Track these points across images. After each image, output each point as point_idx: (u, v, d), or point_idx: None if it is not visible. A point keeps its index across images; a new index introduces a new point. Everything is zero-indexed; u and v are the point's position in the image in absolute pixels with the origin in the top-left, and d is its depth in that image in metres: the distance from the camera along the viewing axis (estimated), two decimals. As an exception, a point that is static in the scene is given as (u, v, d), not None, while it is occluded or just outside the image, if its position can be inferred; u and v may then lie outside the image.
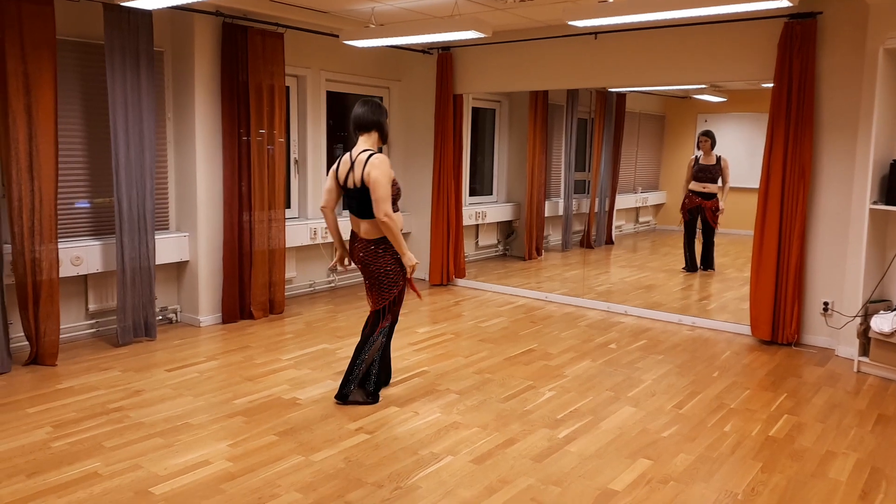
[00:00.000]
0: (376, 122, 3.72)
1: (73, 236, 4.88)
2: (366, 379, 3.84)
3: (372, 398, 3.86)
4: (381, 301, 3.78)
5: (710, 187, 6.70)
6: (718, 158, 6.64)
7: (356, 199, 3.67)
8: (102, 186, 5.01)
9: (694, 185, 6.76)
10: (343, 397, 3.83)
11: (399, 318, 5.69)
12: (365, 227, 3.71)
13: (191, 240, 5.36)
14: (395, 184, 3.67)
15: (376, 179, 3.54)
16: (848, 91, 4.83)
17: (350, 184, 3.67)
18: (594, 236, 7.65)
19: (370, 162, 3.58)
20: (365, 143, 3.72)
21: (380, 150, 3.77)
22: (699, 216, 6.80)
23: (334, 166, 3.78)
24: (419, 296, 4.04)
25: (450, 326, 5.51)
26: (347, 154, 3.73)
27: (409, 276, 3.78)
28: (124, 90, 4.69)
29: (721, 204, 6.67)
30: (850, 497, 2.96)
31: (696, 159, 6.75)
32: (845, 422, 3.76)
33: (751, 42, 5.18)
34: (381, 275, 3.74)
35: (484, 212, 7.61)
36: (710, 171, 6.67)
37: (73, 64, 4.77)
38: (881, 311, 4.52)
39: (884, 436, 3.59)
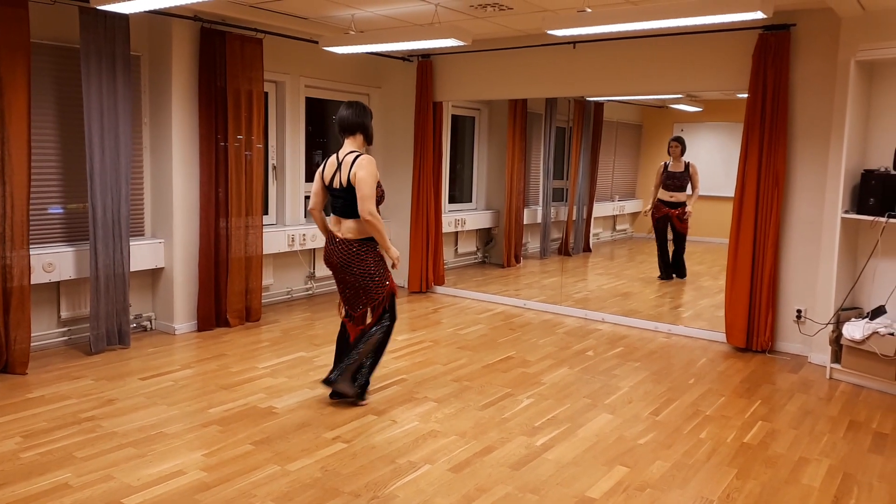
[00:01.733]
0: (360, 124, 3.77)
1: (46, 242, 4.80)
2: (357, 373, 3.84)
3: (359, 396, 3.88)
4: (374, 299, 3.79)
5: (677, 196, 6.76)
6: (687, 165, 6.71)
7: (342, 198, 3.72)
8: (76, 192, 4.93)
9: (662, 194, 6.82)
10: (329, 382, 3.84)
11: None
12: (347, 226, 3.74)
13: (166, 246, 5.30)
14: (379, 186, 3.72)
15: (362, 178, 3.60)
16: (820, 102, 4.92)
17: (336, 184, 3.72)
18: (572, 244, 7.70)
19: (357, 162, 3.64)
20: (351, 144, 3.77)
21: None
22: (668, 224, 6.86)
23: (320, 168, 3.84)
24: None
25: (428, 334, 5.50)
26: (334, 156, 3.79)
27: (394, 266, 3.84)
28: (100, 94, 4.64)
29: (688, 208, 6.73)
30: (822, 503, 3.00)
31: (665, 166, 6.82)
32: (818, 428, 3.81)
33: (726, 53, 5.26)
34: (364, 277, 3.76)
35: (463, 219, 7.63)
36: (679, 179, 6.74)
37: (48, 67, 4.71)
38: (853, 319, 4.59)
39: (855, 442, 3.64)
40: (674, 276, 7.05)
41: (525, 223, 7.84)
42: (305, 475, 3.11)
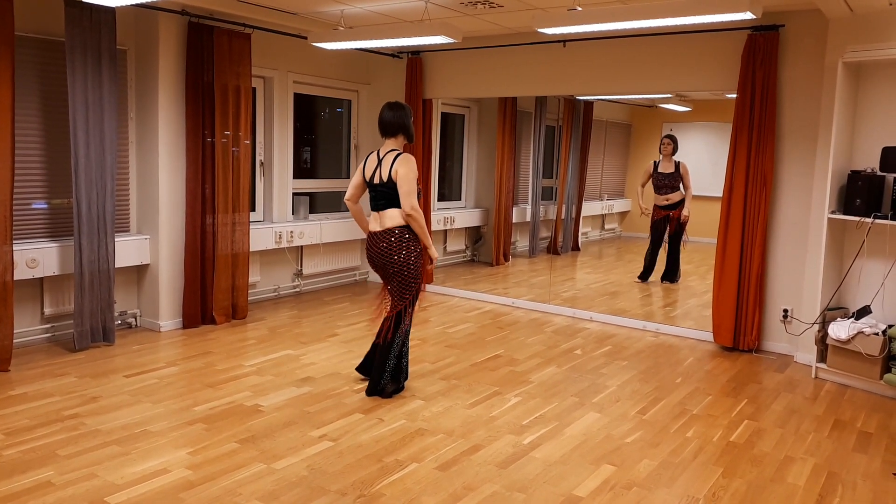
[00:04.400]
0: (401, 125, 3.95)
1: (29, 238, 4.74)
2: (397, 371, 4.06)
3: (400, 387, 4.12)
4: (403, 300, 3.95)
5: (672, 198, 6.75)
6: (677, 165, 6.70)
7: (382, 193, 3.90)
8: (61, 187, 4.88)
9: (657, 200, 6.81)
10: (379, 392, 4.03)
11: (366, 323, 5.66)
12: (388, 216, 3.90)
13: (152, 242, 5.26)
14: (417, 182, 3.88)
15: (404, 175, 3.79)
16: (808, 102, 4.94)
17: (376, 179, 3.91)
18: (561, 243, 7.70)
19: (398, 160, 3.84)
20: (392, 144, 3.97)
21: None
22: (666, 227, 6.84)
23: (362, 164, 4.04)
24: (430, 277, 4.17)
25: (417, 332, 5.48)
26: (374, 153, 3.99)
27: (429, 267, 3.90)
28: (85, 89, 4.59)
29: (685, 211, 6.73)
30: (807, 501, 3.01)
31: (655, 166, 6.80)
32: (803, 427, 3.84)
33: (715, 53, 5.28)
34: (403, 266, 3.90)
35: (452, 217, 7.61)
36: (671, 179, 6.73)
37: (32, 61, 4.65)
38: (838, 319, 4.62)
39: (840, 441, 3.66)
40: (666, 281, 7.02)
41: (514, 222, 7.84)
42: (291, 473, 3.09)
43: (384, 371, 4.01)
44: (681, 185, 6.73)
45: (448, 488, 3.00)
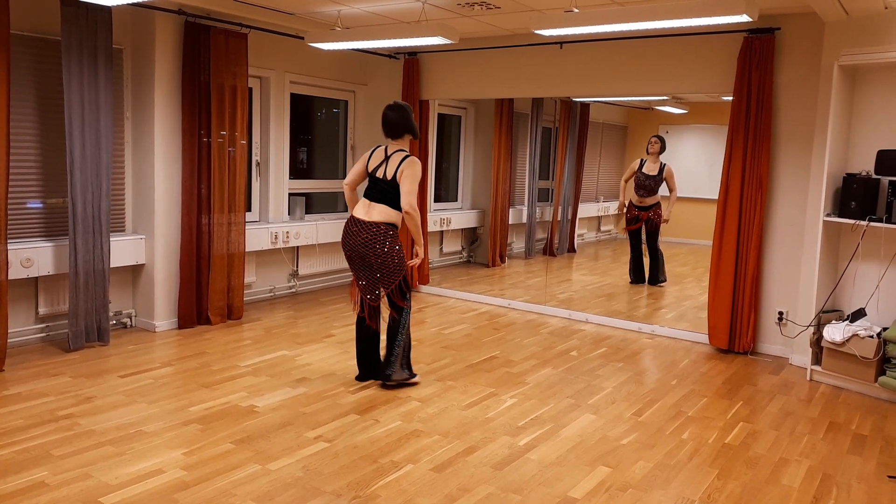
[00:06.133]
0: (407, 126, 4.11)
1: (24, 237, 4.72)
2: (406, 357, 4.20)
3: (412, 374, 4.26)
4: (393, 281, 4.06)
5: (647, 201, 6.73)
6: (662, 167, 6.69)
7: (381, 187, 4.05)
8: (56, 186, 4.86)
9: (633, 198, 6.81)
10: (388, 378, 4.15)
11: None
12: (378, 210, 4.02)
13: (147, 242, 5.24)
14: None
15: (408, 175, 3.97)
16: (804, 105, 4.96)
17: (380, 174, 4.07)
18: (557, 244, 7.71)
19: (406, 161, 4.01)
20: (399, 143, 4.13)
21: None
22: (642, 227, 6.83)
23: (366, 154, 4.19)
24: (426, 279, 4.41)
25: (413, 333, 5.47)
26: (383, 148, 4.14)
27: (411, 263, 4.12)
28: (81, 88, 4.57)
29: (665, 214, 6.70)
30: (802, 503, 3.02)
31: (641, 164, 6.78)
32: (798, 429, 3.84)
33: (711, 55, 5.29)
34: (386, 257, 4.01)
35: (448, 218, 7.61)
36: (653, 181, 6.70)
37: (28, 60, 4.63)
38: (833, 321, 4.63)
39: (835, 443, 3.67)
40: (658, 283, 7.01)
41: (510, 223, 7.84)
42: (286, 474, 3.08)
43: (392, 357, 4.14)
44: (661, 189, 6.71)
45: (443, 490, 3.00)
